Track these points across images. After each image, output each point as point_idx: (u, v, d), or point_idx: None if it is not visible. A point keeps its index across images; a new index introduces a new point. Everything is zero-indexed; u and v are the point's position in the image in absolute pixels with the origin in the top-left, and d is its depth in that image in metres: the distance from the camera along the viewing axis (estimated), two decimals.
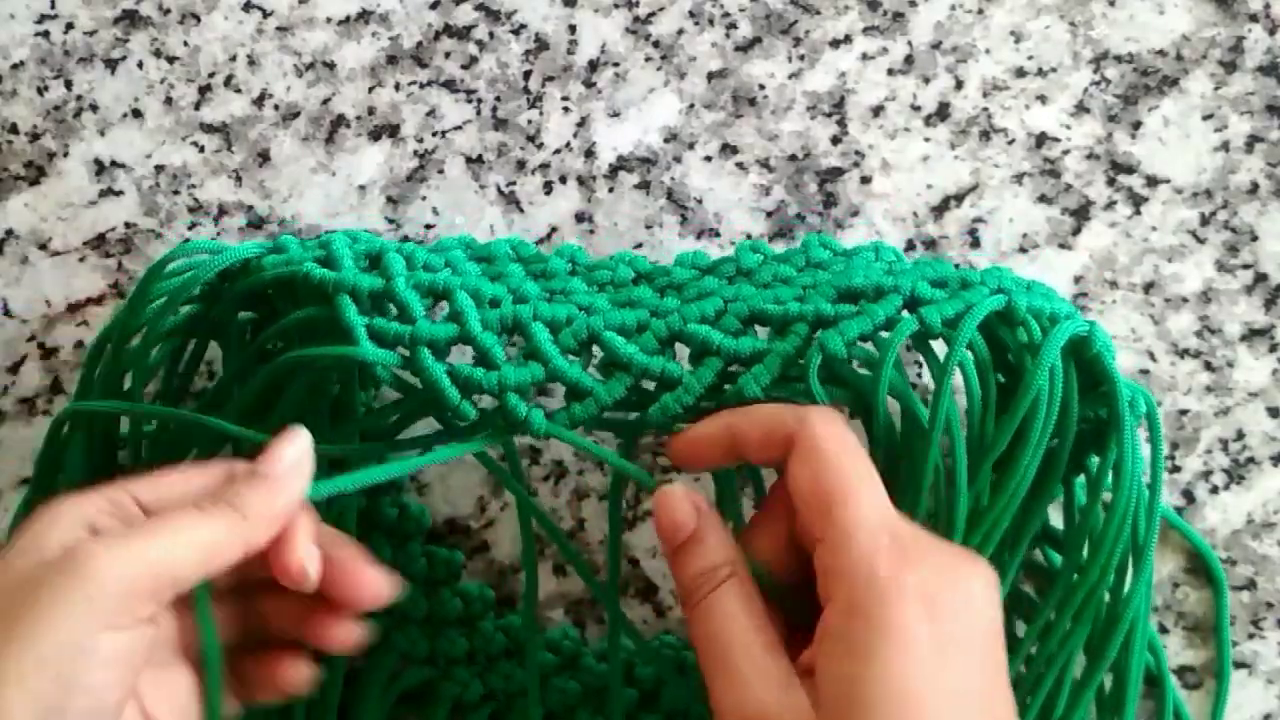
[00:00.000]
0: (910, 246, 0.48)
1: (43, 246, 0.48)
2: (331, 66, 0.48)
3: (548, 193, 0.48)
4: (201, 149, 0.48)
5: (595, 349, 0.39)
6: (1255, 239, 0.47)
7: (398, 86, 0.48)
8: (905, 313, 0.38)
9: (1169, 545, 0.47)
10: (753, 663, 0.34)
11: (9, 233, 0.48)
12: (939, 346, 0.38)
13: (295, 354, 0.39)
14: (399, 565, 0.45)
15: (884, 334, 0.38)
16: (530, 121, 0.48)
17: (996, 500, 0.38)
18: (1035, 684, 0.41)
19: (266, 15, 0.48)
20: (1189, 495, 0.47)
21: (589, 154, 0.48)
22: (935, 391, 0.37)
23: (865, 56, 0.48)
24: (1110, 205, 0.48)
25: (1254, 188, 0.47)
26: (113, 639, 0.32)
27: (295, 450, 0.36)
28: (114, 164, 0.48)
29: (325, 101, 0.48)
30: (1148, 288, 0.47)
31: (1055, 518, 0.45)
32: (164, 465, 0.41)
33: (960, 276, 0.40)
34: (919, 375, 0.47)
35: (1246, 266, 0.47)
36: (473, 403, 0.38)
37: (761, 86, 0.48)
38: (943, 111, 0.48)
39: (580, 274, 0.42)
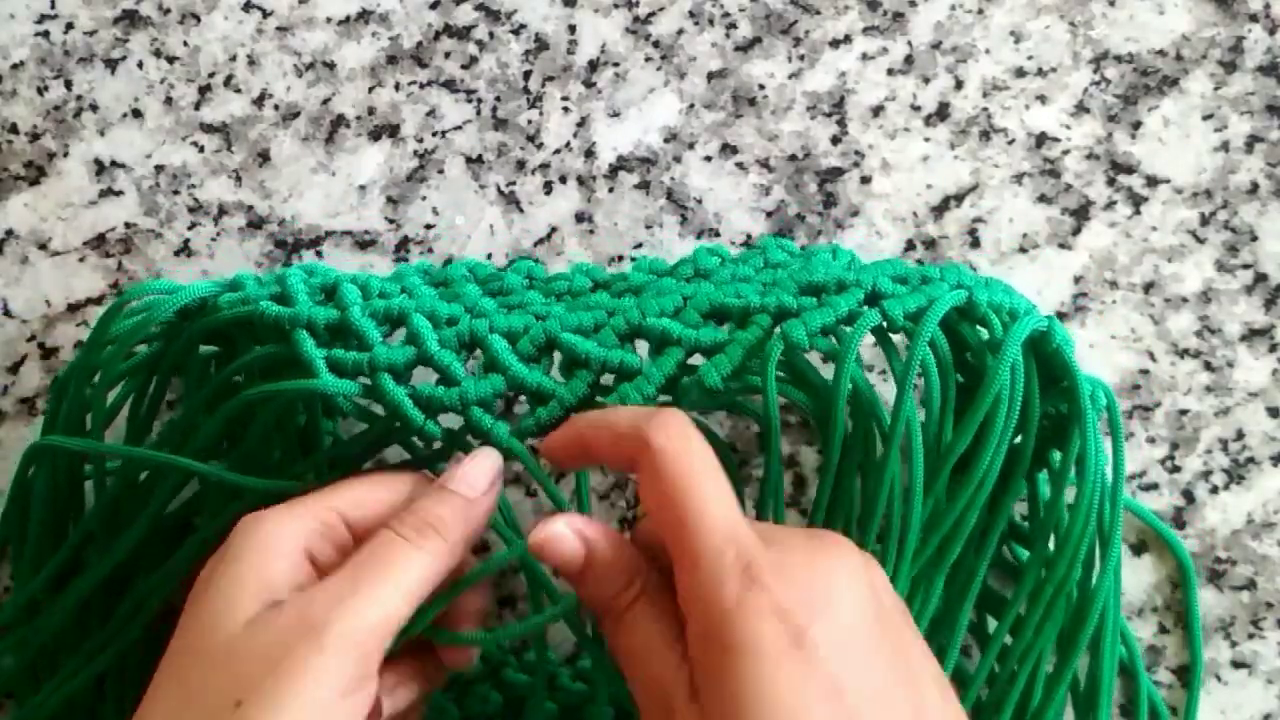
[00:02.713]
0: (910, 246, 0.48)
1: (43, 246, 0.48)
2: (331, 66, 0.48)
3: (548, 193, 0.48)
4: (201, 149, 0.48)
5: (555, 354, 0.39)
6: (1255, 239, 0.47)
7: (398, 86, 0.48)
8: (867, 306, 0.38)
9: (1169, 545, 0.47)
10: (667, 678, 0.33)
11: (9, 233, 0.48)
12: (899, 342, 0.38)
13: (256, 390, 0.39)
14: None
15: (845, 328, 0.38)
16: (530, 121, 0.48)
17: (957, 500, 0.38)
18: (1010, 680, 0.41)
19: (266, 15, 0.48)
20: (1189, 495, 0.47)
21: (589, 154, 0.48)
22: (898, 386, 0.37)
23: (865, 56, 0.48)
24: (1110, 205, 0.48)
25: (1254, 188, 0.47)
26: (354, 700, 0.32)
27: (492, 467, 0.37)
28: (114, 164, 0.48)
29: (325, 101, 0.48)
30: (1148, 288, 0.47)
31: (1019, 514, 0.45)
32: (130, 501, 0.42)
33: (920, 273, 0.40)
34: (884, 376, 0.47)
35: (1246, 266, 0.47)
36: (437, 422, 0.38)
37: (761, 86, 0.48)
38: (943, 111, 0.48)
39: (537, 287, 0.43)
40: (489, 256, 0.48)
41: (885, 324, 0.38)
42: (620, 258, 0.48)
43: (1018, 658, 0.41)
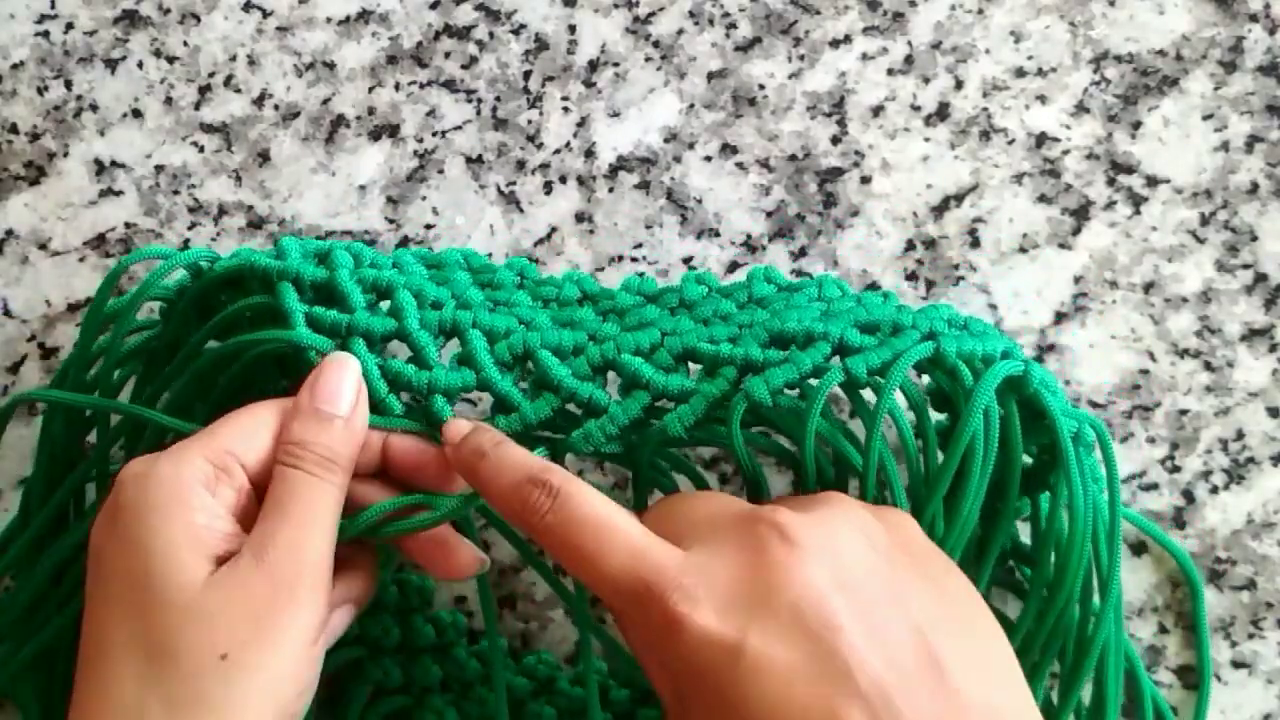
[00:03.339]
0: (910, 246, 0.48)
1: (43, 246, 0.48)
2: (331, 66, 0.48)
3: (548, 193, 0.48)
4: (201, 149, 0.48)
5: (529, 364, 0.40)
6: (1255, 239, 0.47)
7: (398, 86, 0.48)
8: (835, 359, 0.38)
9: (1177, 561, 0.47)
10: (652, 681, 0.34)
11: (9, 233, 0.48)
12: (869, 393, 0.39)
13: (234, 340, 0.39)
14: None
15: (812, 381, 0.38)
16: (530, 121, 0.48)
17: (945, 541, 0.38)
18: None
19: (266, 15, 0.48)
20: (1189, 495, 0.47)
21: (589, 154, 0.48)
22: (866, 443, 0.38)
23: (865, 56, 0.48)
24: (1110, 205, 0.48)
25: (1254, 188, 0.47)
26: (319, 646, 0.34)
27: (353, 378, 0.38)
28: (114, 164, 0.48)
29: (325, 101, 0.48)
30: (1148, 288, 0.47)
31: (1025, 531, 0.45)
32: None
33: (893, 320, 0.39)
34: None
35: (1246, 266, 0.47)
36: (399, 398, 0.39)
37: (761, 86, 0.48)
38: (943, 111, 0.48)
39: (527, 287, 0.43)
40: (489, 256, 0.48)
41: (849, 380, 0.38)
42: (620, 258, 0.48)
43: None
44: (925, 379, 0.41)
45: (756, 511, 0.34)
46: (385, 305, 0.40)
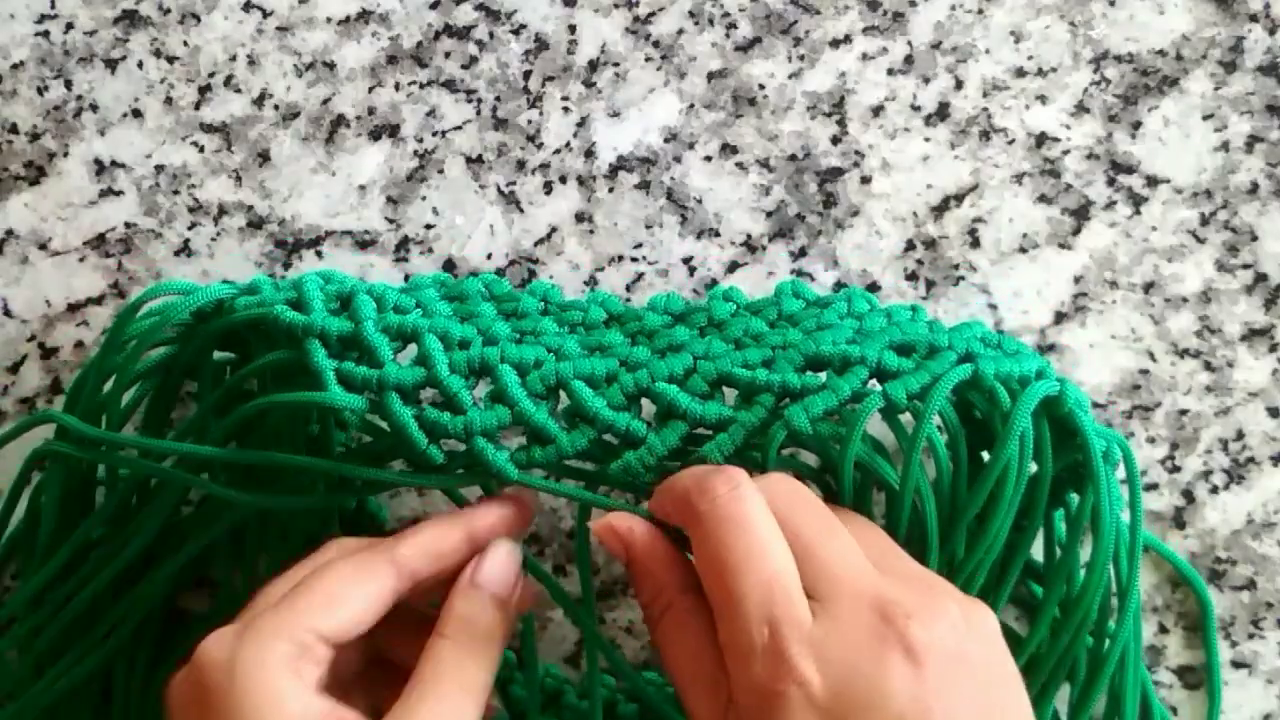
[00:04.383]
0: (910, 246, 0.48)
1: (43, 246, 0.48)
2: (331, 66, 0.48)
3: (548, 193, 0.48)
4: (201, 149, 0.48)
5: (562, 394, 0.39)
6: (1255, 239, 0.47)
7: (398, 86, 0.48)
8: (872, 382, 0.38)
9: (1168, 547, 0.47)
10: (689, 692, 0.34)
11: (9, 233, 0.48)
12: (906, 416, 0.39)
13: (265, 399, 0.39)
14: None
15: (850, 407, 0.38)
16: (530, 121, 0.48)
17: (969, 560, 0.38)
18: None
19: (266, 15, 0.48)
20: (1189, 495, 0.47)
21: (589, 154, 0.48)
22: (904, 466, 0.37)
23: (865, 56, 0.48)
24: (1110, 205, 0.48)
25: (1254, 188, 0.48)
26: None
27: (516, 564, 0.37)
28: (114, 164, 0.48)
29: (325, 101, 0.48)
30: (1148, 288, 0.47)
31: (1035, 552, 0.45)
32: (139, 504, 0.42)
33: (928, 341, 0.39)
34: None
35: (1246, 266, 0.47)
36: (440, 447, 0.38)
37: (761, 86, 0.48)
38: (943, 111, 0.48)
39: (552, 313, 0.43)
40: (489, 256, 0.48)
41: (889, 406, 0.38)
42: (620, 258, 0.48)
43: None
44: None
45: (892, 607, 0.32)
46: (413, 349, 0.40)
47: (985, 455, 0.40)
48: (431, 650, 0.34)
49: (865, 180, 0.48)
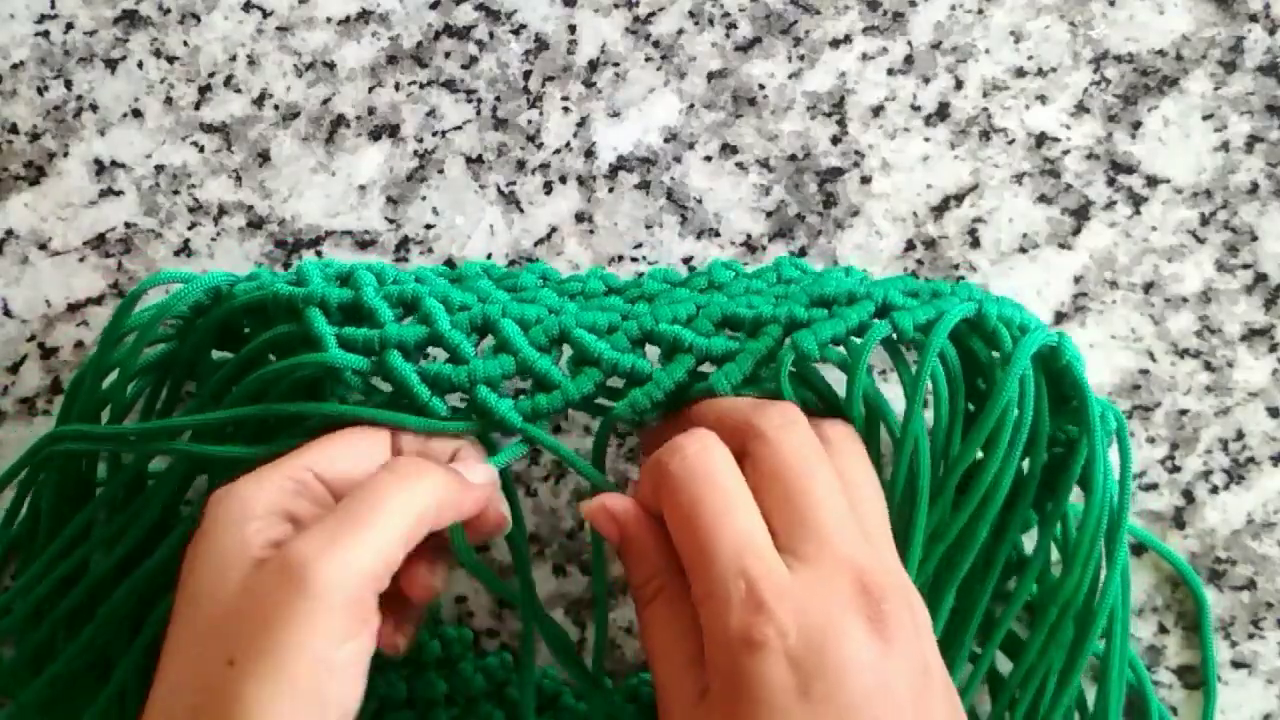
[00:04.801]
0: (910, 246, 0.48)
1: (43, 246, 0.48)
2: (331, 66, 0.48)
3: (548, 193, 0.48)
4: (201, 149, 0.48)
5: (565, 349, 0.39)
6: (1255, 239, 0.47)
7: (398, 86, 0.48)
8: (878, 319, 0.38)
9: (1166, 545, 0.47)
10: (671, 676, 0.33)
11: (9, 233, 0.48)
12: (909, 357, 0.39)
13: (267, 368, 0.39)
14: None
15: (856, 339, 0.38)
16: (530, 121, 0.48)
17: (963, 511, 0.38)
18: (1011, 706, 0.41)
19: (266, 15, 0.48)
20: (1189, 495, 0.47)
21: (589, 154, 0.48)
22: (907, 399, 0.37)
23: (865, 56, 0.48)
24: (1110, 205, 0.48)
25: (1254, 188, 0.47)
26: (350, 647, 0.32)
27: (489, 472, 0.37)
28: (114, 164, 0.48)
29: (325, 101, 0.48)
30: (1148, 288, 0.47)
31: (1026, 546, 0.45)
32: (138, 492, 0.42)
33: (932, 288, 0.40)
34: (886, 377, 0.47)
35: (1246, 266, 0.47)
36: (444, 399, 0.38)
37: (761, 86, 0.48)
38: (943, 111, 0.48)
39: (551, 286, 0.43)
40: (489, 256, 0.48)
41: (895, 335, 0.38)
42: (620, 258, 0.48)
43: (1018, 683, 0.41)
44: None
45: (871, 581, 0.32)
46: (414, 316, 0.39)
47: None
48: (363, 483, 0.34)
49: (865, 180, 0.48)
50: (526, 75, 0.48)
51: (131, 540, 0.42)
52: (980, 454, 0.38)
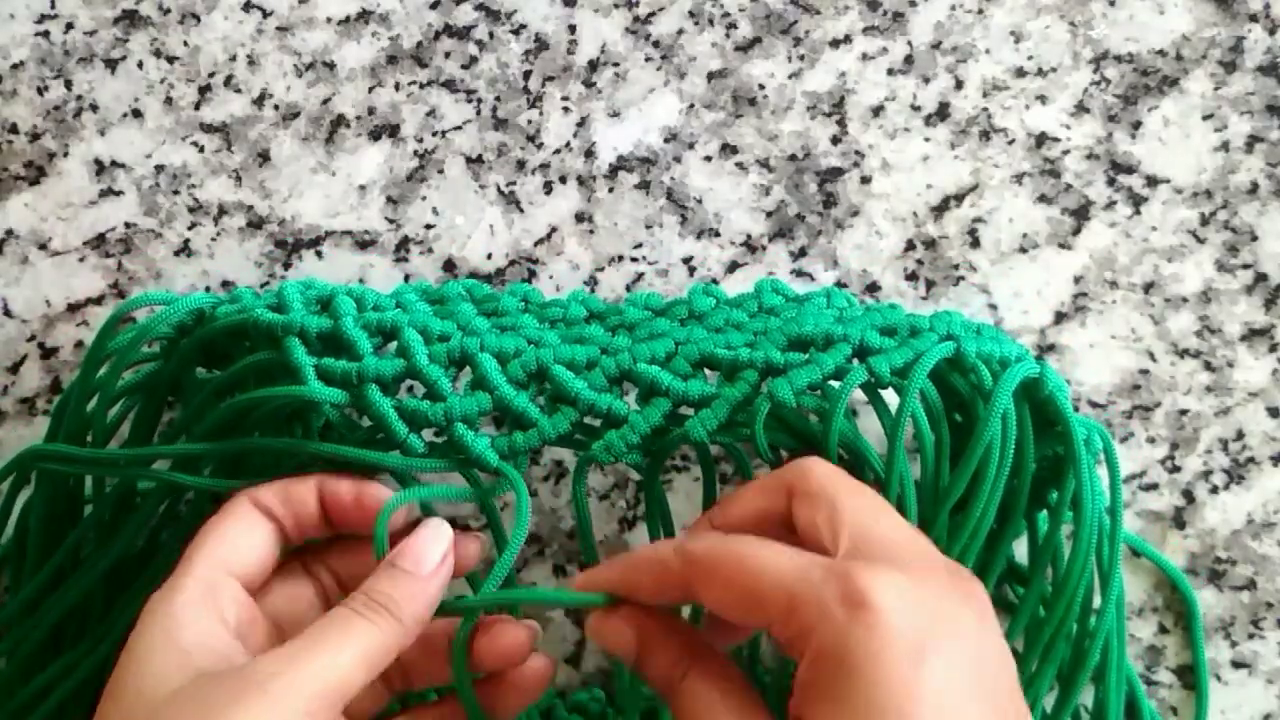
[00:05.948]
0: (910, 246, 0.48)
1: (43, 246, 0.48)
2: (331, 66, 0.48)
3: (548, 193, 0.48)
4: (201, 149, 0.48)
5: (544, 383, 0.39)
6: (1255, 239, 0.47)
7: (398, 86, 0.48)
8: (855, 361, 0.38)
9: (1167, 549, 0.47)
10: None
11: (9, 233, 0.48)
12: (890, 396, 0.38)
13: (245, 396, 0.39)
14: None
15: (833, 383, 0.38)
16: (530, 121, 0.48)
17: (955, 542, 0.38)
18: None
19: (266, 15, 0.48)
20: (1189, 495, 0.47)
21: (589, 154, 0.48)
22: (889, 443, 0.37)
23: (865, 56, 0.48)
24: (1110, 205, 0.48)
25: (1254, 188, 0.47)
26: None
27: (441, 546, 0.37)
28: (114, 164, 0.48)
29: (325, 101, 0.48)
30: (1148, 288, 0.47)
31: (1020, 555, 0.45)
32: (125, 511, 0.42)
33: (909, 323, 0.39)
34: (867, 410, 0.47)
35: (1246, 266, 0.47)
36: (420, 436, 0.38)
37: (761, 86, 0.48)
38: (943, 111, 0.48)
39: (532, 311, 0.43)
40: (489, 256, 0.48)
41: (872, 380, 0.38)
42: (620, 258, 0.48)
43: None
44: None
45: (958, 569, 0.34)
46: (393, 346, 0.40)
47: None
48: (327, 615, 0.35)
49: (865, 180, 0.48)
50: (526, 75, 0.48)
51: (115, 557, 0.42)
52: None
